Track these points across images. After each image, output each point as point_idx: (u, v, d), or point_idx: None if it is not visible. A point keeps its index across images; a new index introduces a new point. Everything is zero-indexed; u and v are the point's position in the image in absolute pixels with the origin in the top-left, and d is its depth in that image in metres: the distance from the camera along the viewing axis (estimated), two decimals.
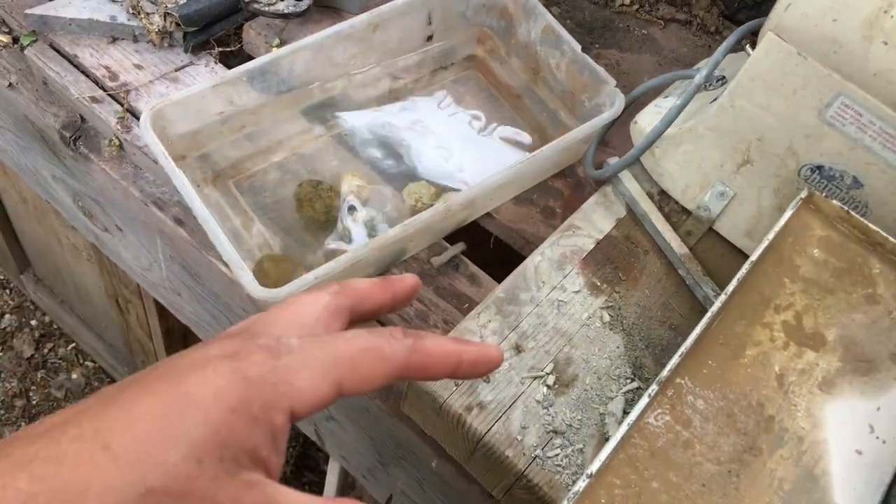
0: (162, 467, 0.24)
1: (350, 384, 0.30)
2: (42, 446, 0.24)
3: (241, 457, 0.26)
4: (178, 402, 0.26)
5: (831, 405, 0.42)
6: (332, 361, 0.29)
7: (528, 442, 0.51)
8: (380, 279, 0.36)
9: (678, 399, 0.40)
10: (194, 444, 0.25)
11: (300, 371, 0.29)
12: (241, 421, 0.26)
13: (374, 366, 0.31)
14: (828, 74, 0.53)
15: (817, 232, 0.49)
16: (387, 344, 0.31)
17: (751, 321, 0.44)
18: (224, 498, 0.25)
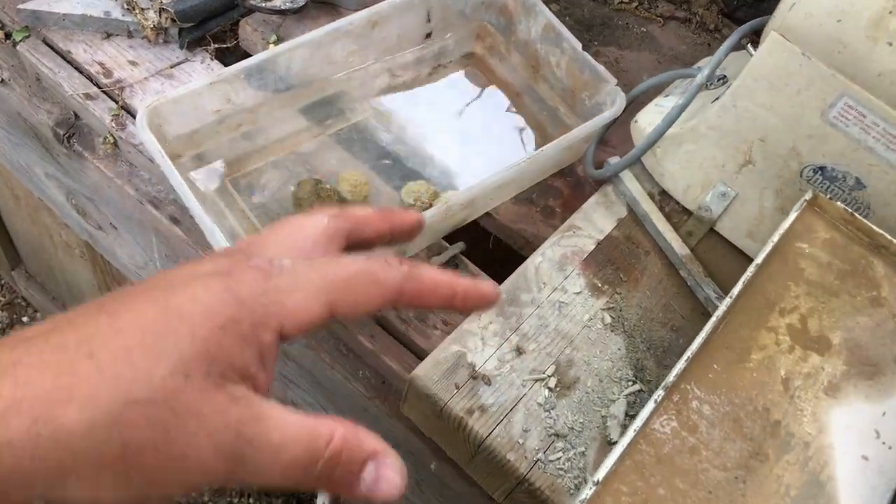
0: (147, 380, 0.24)
1: (343, 306, 0.29)
2: (25, 352, 0.24)
3: (229, 372, 0.26)
4: (167, 316, 0.26)
5: (837, 409, 0.42)
6: (326, 283, 0.29)
7: (529, 445, 0.51)
8: (381, 208, 0.36)
9: (684, 404, 0.40)
10: (182, 358, 0.25)
11: (292, 292, 0.28)
12: (230, 338, 0.26)
13: (367, 289, 0.30)
14: (831, 75, 0.53)
15: (821, 234, 0.48)
16: (381, 269, 0.31)
17: (756, 325, 0.44)
18: (209, 411, 0.25)
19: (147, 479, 0.24)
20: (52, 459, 0.23)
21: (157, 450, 0.24)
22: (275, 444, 0.26)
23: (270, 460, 0.26)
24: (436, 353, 0.54)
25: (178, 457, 0.24)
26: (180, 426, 0.24)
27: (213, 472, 0.25)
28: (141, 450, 0.24)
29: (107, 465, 0.23)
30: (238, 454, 0.25)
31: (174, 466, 0.24)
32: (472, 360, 0.54)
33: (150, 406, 0.24)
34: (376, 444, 0.29)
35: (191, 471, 0.25)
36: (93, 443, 0.23)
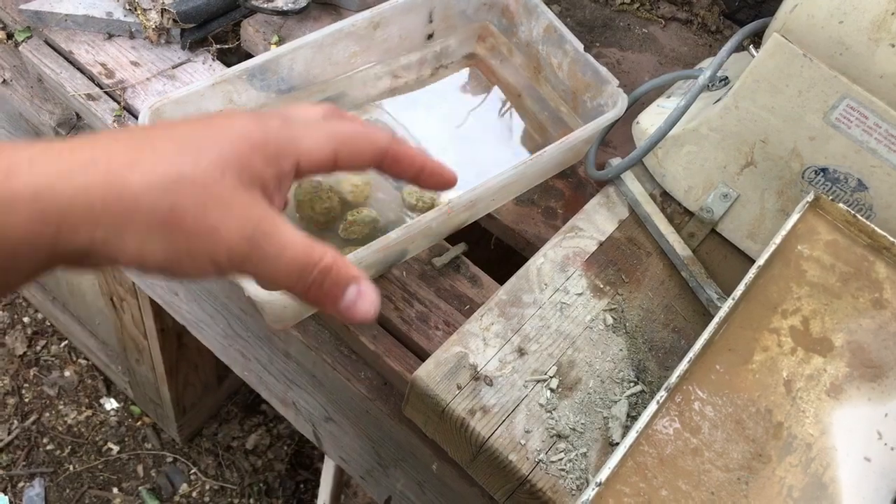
0: (193, 165, 0.30)
1: (344, 155, 0.36)
2: (102, 135, 0.31)
3: (255, 182, 0.32)
4: (211, 131, 0.32)
5: (839, 411, 0.42)
6: (333, 134, 0.36)
7: (531, 446, 0.51)
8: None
9: (686, 406, 0.40)
10: (220, 158, 0.31)
11: (307, 136, 0.35)
12: (258, 156, 0.32)
13: (364, 144, 0.37)
14: (833, 76, 0.53)
15: (824, 236, 0.48)
16: (374, 131, 0.39)
17: (758, 326, 0.44)
18: (237, 203, 0.31)
19: (184, 243, 0.29)
20: (115, 210, 0.28)
21: (196, 218, 0.29)
22: (283, 242, 0.32)
23: (277, 253, 0.31)
24: (437, 353, 0.54)
25: (210, 229, 0.30)
26: (215, 205, 0.30)
27: (235, 249, 0.30)
28: (183, 215, 0.29)
29: (155, 223, 0.29)
30: (255, 241, 0.31)
31: (207, 236, 0.30)
32: (473, 361, 0.54)
33: (194, 184, 0.30)
34: (359, 272, 0.34)
35: (219, 244, 0.30)
36: (148, 201, 0.29)
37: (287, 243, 0.32)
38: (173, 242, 0.29)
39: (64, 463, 1.50)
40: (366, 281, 0.34)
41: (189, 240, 0.30)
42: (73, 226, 0.28)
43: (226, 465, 1.53)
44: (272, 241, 0.31)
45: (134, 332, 1.17)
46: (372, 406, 0.63)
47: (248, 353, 0.76)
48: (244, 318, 0.71)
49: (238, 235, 0.30)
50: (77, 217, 0.28)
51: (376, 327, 0.62)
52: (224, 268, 0.31)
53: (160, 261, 0.30)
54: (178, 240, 0.29)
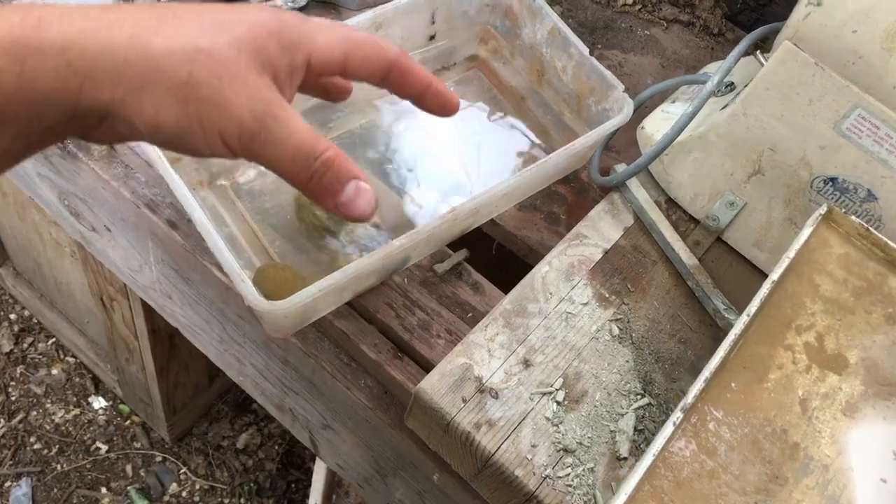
0: (211, 39, 0.31)
1: (354, 59, 0.37)
2: (127, 4, 0.32)
3: (268, 68, 0.33)
4: (231, 14, 0.33)
5: (855, 431, 0.41)
6: (346, 36, 0.37)
7: (538, 461, 0.50)
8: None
9: (702, 426, 0.39)
10: (238, 39, 0.32)
11: (320, 33, 0.36)
12: (273, 43, 0.33)
13: (373, 51, 0.37)
14: (845, 86, 0.52)
15: (836, 249, 0.48)
16: (385, 41, 0.39)
17: (773, 343, 0.43)
18: (251, 83, 0.31)
19: (197, 112, 0.30)
20: (137, 69, 0.29)
21: (212, 87, 0.30)
22: (291, 127, 0.32)
23: (285, 137, 0.32)
24: (442, 365, 0.53)
25: (224, 100, 0.31)
26: (230, 80, 0.31)
27: (245, 126, 0.31)
28: (199, 84, 0.30)
29: (173, 88, 0.30)
30: (265, 121, 0.32)
31: (220, 108, 0.31)
32: (478, 372, 0.53)
33: (211, 57, 0.31)
34: (360, 172, 0.35)
35: (231, 118, 0.31)
36: (168, 65, 0.30)
37: (294, 130, 0.33)
38: (187, 109, 0.30)
39: (51, 462, 1.48)
40: (366, 179, 0.35)
41: (202, 109, 0.30)
42: (97, 81, 0.29)
43: (216, 464, 1.51)
44: (281, 125, 0.32)
45: (124, 332, 1.15)
46: (372, 415, 0.62)
47: (244, 358, 0.75)
48: (240, 323, 0.70)
49: (249, 112, 0.31)
50: (101, 73, 0.29)
51: (377, 335, 0.61)
52: (233, 145, 0.32)
53: (172, 126, 0.30)
54: (192, 108, 0.30)
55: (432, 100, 0.41)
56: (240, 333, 0.72)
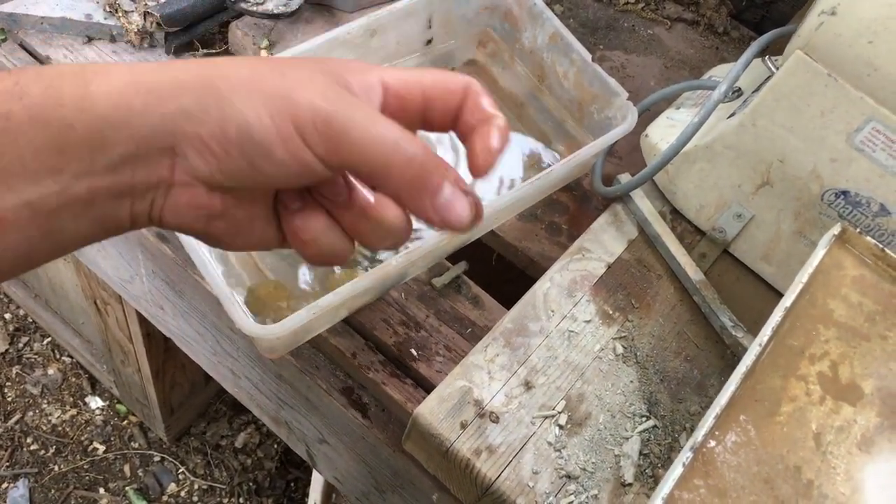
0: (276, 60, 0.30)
1: (428, 79, 0.31)
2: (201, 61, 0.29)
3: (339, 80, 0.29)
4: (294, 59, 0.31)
5: (871, 466, 0.39)
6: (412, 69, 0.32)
7: (540, 489, 0.49)
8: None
9: (712, 466, 0.37)
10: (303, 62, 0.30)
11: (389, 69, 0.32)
12: (340, 68, 0.30)
13: (445, 74, 0.32)
14: (860, 98, 0.50)
15: (850, 271, 0.46)
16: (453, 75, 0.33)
17: (785, 373, 0.41)
18: (319, 80, 0.28)
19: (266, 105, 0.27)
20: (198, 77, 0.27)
21: (275, 79, 0.28)
22: (372, 113, 0.28)
23: (367, 120, 0.28)
24: (440, 388, 0.52)
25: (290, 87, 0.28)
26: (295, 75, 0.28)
27: (318, 108, 0.27)
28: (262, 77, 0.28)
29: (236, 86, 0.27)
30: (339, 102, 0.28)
31: (288, 95, 0.27)
32: (478, 395, 0.51)
33: (273, 61, 0.30)
34: (459, 176, 0.30)
35: (301, 103, 0.27)
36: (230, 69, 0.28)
37: (377, 116, 0.28)
38: (254, 105, 0.27)
39: (49, 463, 1.47)
40: (461, 182, 0.29)
41: (270, 103, 0.27)
42: (162, 95, 0.27)
43: (214, 464, 1.50)
44: (357, 108, 0.28)
45: (119, 336, 1.13)
46: (368, 433, 0.61)
47: (239, 371, 0.73)
48: (234, 337, 0.68)
49: (321, 95, 0.27)
50: (165, 85, 0.27)
51: (374, 353, 0.59)
52: (310, 136, 0.27)
53: (242, 130, 0.27)
54: (258, 102, 0.27)
55: (484, 130, 0.32)
56: (234, 347, 0.70)
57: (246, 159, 0.27)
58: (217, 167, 0.27)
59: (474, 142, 0.31)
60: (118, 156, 0.26)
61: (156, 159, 0.27)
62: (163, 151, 0.27)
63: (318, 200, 0.31)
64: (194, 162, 0.27)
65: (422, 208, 0.29)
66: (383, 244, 0.31)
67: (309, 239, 0.30)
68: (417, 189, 0.28)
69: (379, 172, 0.28)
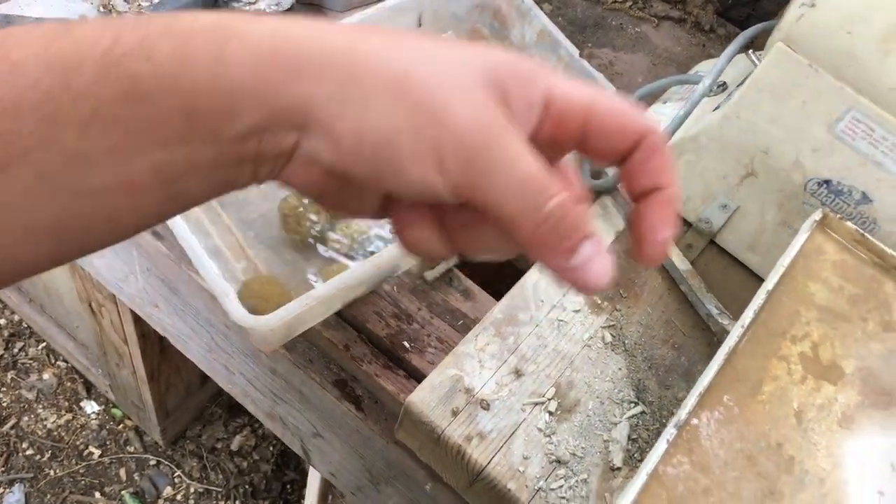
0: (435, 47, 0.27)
1: (598, 116, 0.28)
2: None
3: (499, 90, 0.27)
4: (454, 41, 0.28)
5: (851, 442, 0.40)
6: (589, 88, 0.29)
7: (530, 473, 0.49)
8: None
9: (696, 442, 0.38)
10: (466, 53, 0.27)
11: (560, 77, 0.29)
12: (506, 68, 0.27)
13: (622, 113, 0.28)
14: (840, 88, 0.51)
15: (831, 256, 0.47)
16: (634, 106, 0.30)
17: (767, 354, 0.42)
18: (477, 96, 0.26)
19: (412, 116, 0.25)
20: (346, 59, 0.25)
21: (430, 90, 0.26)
22: (519, 154, 0.26)
23: (511, 163, 0.25)
24: (432, 377, 0.52)
25: (442, 106, 0.26)
26: (451, 86, 0.26)
27: (464, 140, 0.25)
28: (416, 83, 0.26)
29: (386, 85, 0.26)
30: (488, 138, 0.26)
31: (437, 114, 0.25)
32: (469, 384, 0.52)
33: (434, 61, 0.26)
34: (594, 229, 0.27)
35: (448, 127, 0.25)
36: (384, 58, 0.26)
37: (523, 158, 0.25)
38: (399, 112, 0.25)
39: (44, 468, 1.47)
40: (600, 240, 0.27)
41: (416, 115, 0.25)
42: (302, 73, 0.25)
43: (210, 467, 1.51)
44: (507, 148, 0.25)
45: (114, 338, 1.14)
46: (362, 425, 0.61)
47: (233, 367, 0.74)
48: (228, 333, 0.69)
49: (472, 124, 0.25)
50: (306, 63, 0.25)
51: (366, 345, 0.60)
52: (448, 164, 0.25)
53: (379, 135, 0.25)
54: (405, 110, 0.25)
55: (655, 211, 0.28)
56: (228, 343, 0.71)
57: (372, 168, 0.26)
58: (341, 161, 0.26)
59: (643, 219, 0.28)
60: (247, 126, 0.25)
61: (283, 133, 0.26)
62: (293, 125, 0.26)
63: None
64: (319, 147, 0.26)
65: (552, 265, 0.27)
66: (483, 256, 0.30)
67: (410, 238, 0.29)
68: (550, 248, 0.26)
69: (509, 220, 0.26)
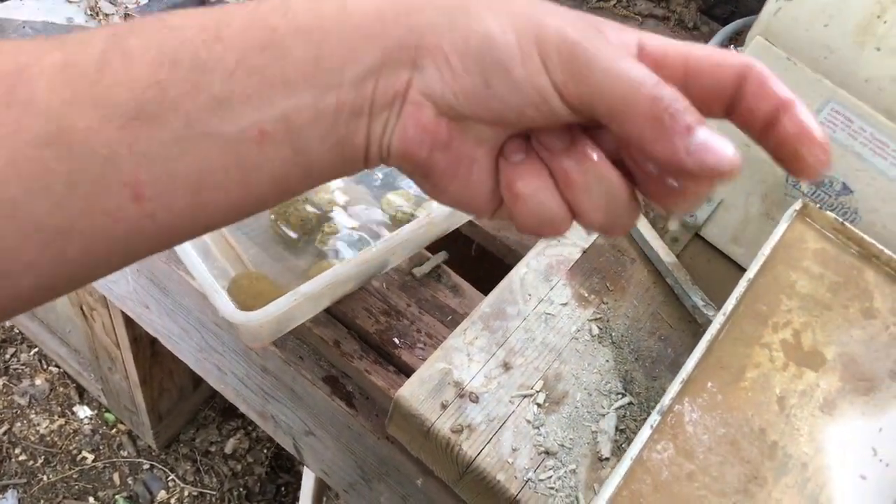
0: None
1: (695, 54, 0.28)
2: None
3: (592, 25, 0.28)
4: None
5: (833, 427, 0.41)
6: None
7: (519, 464, 0.50)
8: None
9: (680, 428, 0.39)
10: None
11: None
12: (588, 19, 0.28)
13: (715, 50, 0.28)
14: (818, 80, 0.52)
15: (812, 245, 0.47)
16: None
17: (749, 341, 0.43)
18: (570, 14, 0.27)
19: (514, 20, 0.27)
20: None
21: (528, 5, 0.27)
22: (617, 48, 0.26)
23: (613, 54, 0.26)
24: (421, 371, 0.53)
25: (542, 13, 0.27)
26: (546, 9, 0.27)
27: (565, 34, 0.26)
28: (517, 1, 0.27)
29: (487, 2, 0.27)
30: (587, 32, 0.26)
31: (537, 17, 0.26)
32: (458, 377, 0.53)
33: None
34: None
35: (548, 25, 0.26)
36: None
37: (622, 55, 0.26)
38: (500, 18, 0.26)
39: (37, 473, 1.46)
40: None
41: (517, 20, 0.26)
42: (411, 9, 0.27)
43: (204, 470, 1.50)
44: (604, 45, 0.26)
45: (106, 342, 1.14)
46: (353, 421, 0.62)
47: (224, 367, 0.74)
48: (219, 332, 0.69)
49: (570, 24, 0.26)
50: (416, 3, 0.27)
51: (356, 341, 0.61)
52: (552, 62, 0.26)
53: (485, 35, 0.26)
54: (507, 18, 0.26)
55: (793, 122, 0.26)
56: (219, 342, 0.71)
57: (482, 76, 0.26)
58: (452, 83, 0.27)
59: (781, 133, 0.26)
60: (365, 67, 0.27)
61: (396, 72, 0.27)
62: (404, 63, 0.27)
63: (541, 158, 0.29)
64: (431, 76, 0.27)
65: (672, 150, 0.25)
66: (598, 213, 0.29)
67: (523, 193, 0.29)
68: (666, 129, 0.25)
69: (620, 109, 0.25)
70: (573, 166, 0.28)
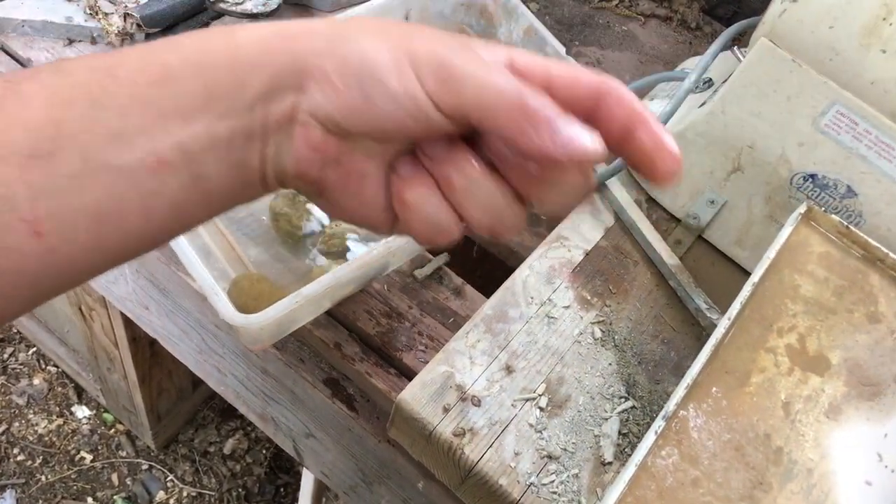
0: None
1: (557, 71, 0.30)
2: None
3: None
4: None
5: (838, 433, 0.40)
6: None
7: (522, 469, 0.49)
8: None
9: (685, 434, 0.39)
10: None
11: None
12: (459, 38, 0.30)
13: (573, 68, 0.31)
14: (823, 82, 0.52)
15: (816, 248, 0.47)
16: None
17: (755, 346, 0.42)
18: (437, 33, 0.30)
19: (389, 39, 0.29)
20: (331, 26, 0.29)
21: (400, 29, 0.30)
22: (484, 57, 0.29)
23: (481, 61, 0.28)
24: (423, 374, 0.52)
25: (412, 34, 0.29)
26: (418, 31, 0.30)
27: (434, 48, 0.29)
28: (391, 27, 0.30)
29: (366, 28, 0.29)
30: (454, 45, 0.29)
31: (409, 37, 0.29)
32: (460, 380, 0.52)
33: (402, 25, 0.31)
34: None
35: (418, 41, 0.29)
36: (363, 20, 0.30)
37: (489, 64, 0.28)
38: (376, 40, 0.29)
39: (36, 473, 1.46)
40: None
41: (391, 39, 0.29)
42: (298, 39, 0.29)
43: (203, 470, 1.50)
44: (473, 55, 0.29)
45: (104, 342, 1.13)
46: (354, 424, 0.62)
47: (224, 368, 0.74)
48: (219, 334, 0.69)
49: (440, 39, 0.29)
50: (301, 34, 0.29)
51: (357, 344, 0.60)
52: (424, 72, 0.28)
53: (362, 54, 0.28)
54: (382, 39, 0.29)
55: (644, 134, 0.28)
56: (219, 343, 0.71)
57: (362, 90, 0.28)
58: (336, 101, 0.29)
59: (638, 146, 0.28)
60: (254, 94, 0.28)
61: (283, 96, 0.29)
62: (290, 87, 0.29)
63: (427, 169, 0.31)
64: (316, 97, 0.29)
65: (539, 143, 0.27)
66: (482, 216, 0.31)
67: (411, 201, 0.31)
68: (532, 125, 0.27)
69: (490, 113, 0.28)
70: (454, 172, 0.30)
